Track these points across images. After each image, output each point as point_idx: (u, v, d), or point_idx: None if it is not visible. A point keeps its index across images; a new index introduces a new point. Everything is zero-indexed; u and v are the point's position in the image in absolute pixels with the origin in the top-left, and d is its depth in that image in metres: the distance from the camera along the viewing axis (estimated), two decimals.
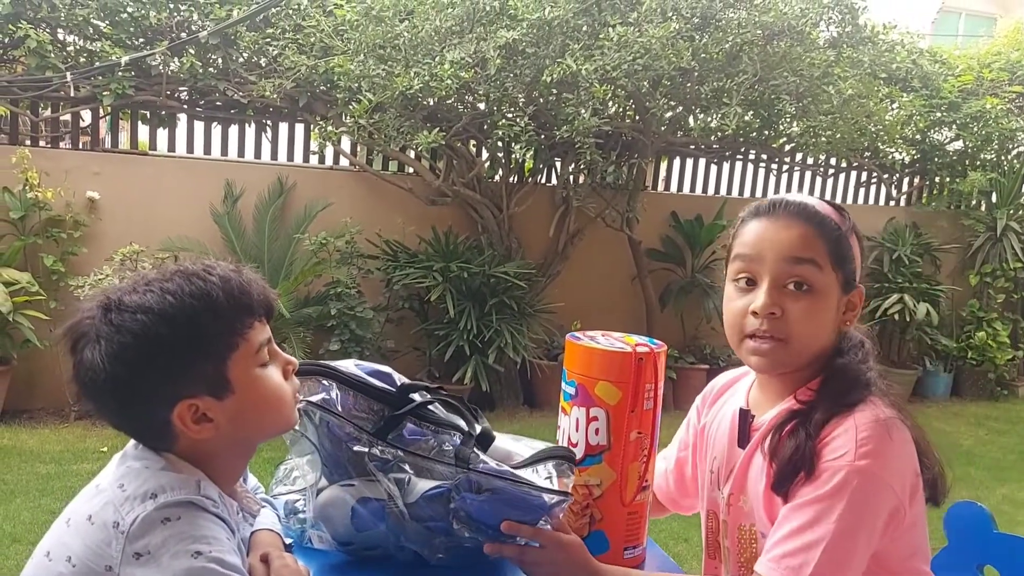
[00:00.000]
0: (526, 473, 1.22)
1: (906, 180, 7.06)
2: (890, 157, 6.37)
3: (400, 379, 1.36)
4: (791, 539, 1.12)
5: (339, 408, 1.26)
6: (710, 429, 1.41)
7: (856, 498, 1.11)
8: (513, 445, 1.31)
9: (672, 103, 5.13)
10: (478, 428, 1.28)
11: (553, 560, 1.19)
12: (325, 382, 1.28)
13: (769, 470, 1.21)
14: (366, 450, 1.23)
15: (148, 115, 4.97)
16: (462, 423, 1.29)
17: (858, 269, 1.26)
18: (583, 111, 4.49)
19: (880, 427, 1.15)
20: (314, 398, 1.25)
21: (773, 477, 1.19)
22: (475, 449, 1.24)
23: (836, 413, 1.17)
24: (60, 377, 4.40)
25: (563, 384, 1.32)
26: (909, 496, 1.17)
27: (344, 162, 5.36)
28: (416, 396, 1.32)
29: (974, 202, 6.91)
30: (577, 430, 1.30)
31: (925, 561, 1.26)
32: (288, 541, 1.26)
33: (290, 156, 5.31)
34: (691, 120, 5.40)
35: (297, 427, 1.25)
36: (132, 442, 1.05)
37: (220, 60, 4.90)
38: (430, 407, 1.31)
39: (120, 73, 4.62)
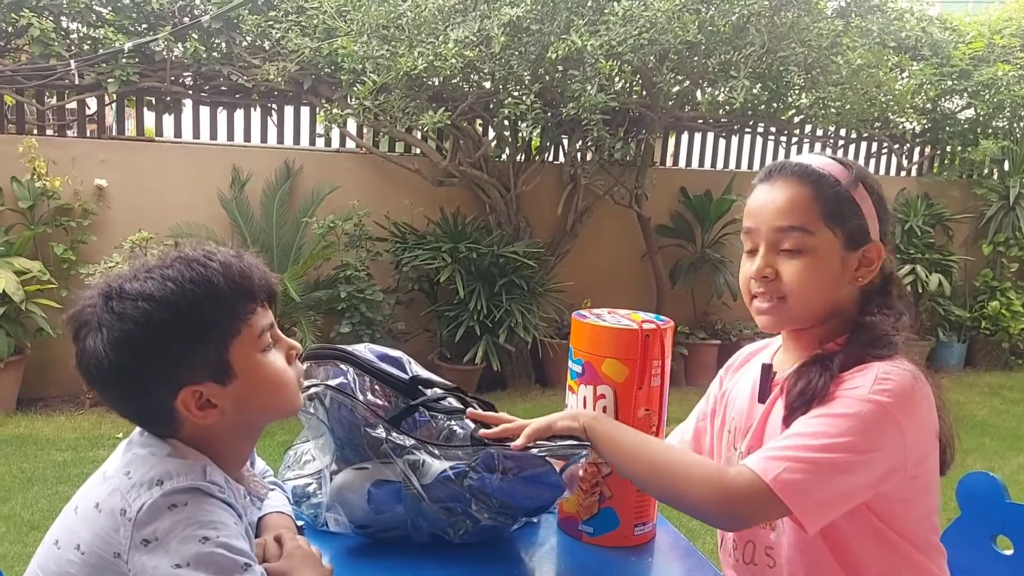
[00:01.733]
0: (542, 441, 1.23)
1: (917, 150, 6.99)
2: (900, 127, 6.29)
3: (410, 363, 1.37)
4: (790, 446, 1.13)
5: (357, 394, 1.26)
6: (730, 394, 1.42)
7: (864, 427, 1.12)
8: None
9: (679, 77, 5.09)
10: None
11: None
12: (342, 366, 1.28)
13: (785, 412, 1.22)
14: (383, 435, 1.23)
15: (153, 101, 4.97)
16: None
17: (872, 224, 1.26)
18: (589, 87, 4.45)
19: (904, 373, 1.16)
20: (332, 382, 1.25)
21: (785, 410, 1.20)
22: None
23: (857, 361, 1.19)
24: (74, 365, 4.43)
25: (570, 362, 1.32)
26: (919, 454, 1.17)
27: (350, 144, 5.34)
28: (428, 392, 1.33)
29: (986, 171, 6.81)
30: (585, 408, 1.29)
31: (935, 531, 1.26)
32: (299, 524, 1.27)
33: (296, 139, 5.30)
34: (699, 94, 5.35)
35: (311, 410, 1.25)
36: (137, 429, 1.05)
37: (223, 44, 4.88)
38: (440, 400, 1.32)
39: (124, 60, 4.61)
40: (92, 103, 4.92)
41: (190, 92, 4.99)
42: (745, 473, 1.13)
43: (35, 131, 4.68)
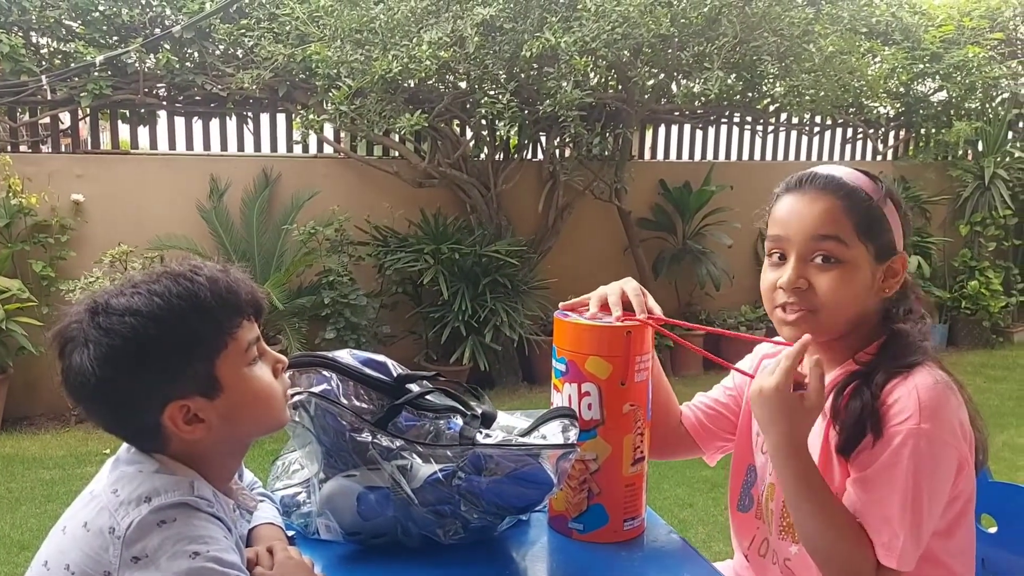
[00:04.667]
0: (529, 440, 1.24)
1: (892, 134, 7.05)
2: (874, 112, 6.34)
3: (395, 367, 1.37)
4: (871, 514, 1.16)
5: (341, 399, 1.26)
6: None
7: (923, 460, 1.14)
8: (515, 420, 1.33)
9: (654, 71, 5.11)
10: (479, 410, 1.29)
11: None
12: (325, 373, 1.28)
13: (828, 431, 1.24)
14: (369, 439, 1.23)
15: (128, 114, 4.93)
16: (461, 407, 1.31)
17: (898, 236, 1.28)
18: (565, 84, 4.46)
19: (940, 389, 1.19)
20: (315, 389, 1.25)
21: (840, 439, 1.21)
22: (479, 428, 1.25)
23: (895, 374, 1.20)
24: (58, 383, 4.40)
25: (554, 361, 1.33)
26: (969, 470, 1.21)
27: (328, 150, 5.33)
28: (414, 387, 1.33)
29: (960, 152, 6.89)
30: (570, 406, 1.30)
31: (971, 531, 1.29)
32: (290, 534, 1.27)
33: (273, 147, 5.28)
34: (674, 87, 5.37)
35: (296, 419, 1.25)
36: (124, 446, 1.05)
37: (196, 54, 4.86)
38: (428, 396, 1.32)
39: (96, 73, 4.58)
40: (65, 118, 4.88)
41: (164, 103, 4.96)
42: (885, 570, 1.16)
43: (9, 148, 4.64)
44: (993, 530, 1.53)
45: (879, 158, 6.98)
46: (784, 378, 1.18)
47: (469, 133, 5.29)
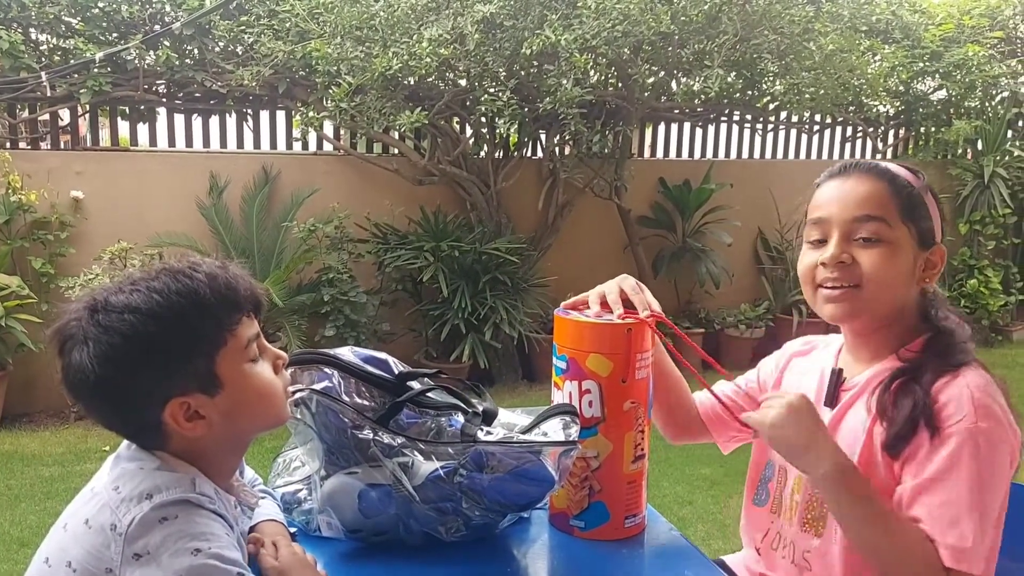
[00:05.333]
0: (531, 437, 1.24)
1: (891, 132, 7.05)
2: (874, 110, 6.34)
3: (396, 365, 1.37)
4: (937, 517, 1.15)
5: (343, 396, 1.26)
6: (787, 383, 1.45)
7: (983, 460, 1.14)
8: (516, 417, 1.34)
9: (654, 68, 5.11)
10: (480, 407, 1.29)
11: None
12: (327, 370, 1.28)
13: (873, 427, 1.23)
14: (371, 436, 1.23)
15: (127, 111, 4.93)
16: (463, 405, 1.31)
17: (937, 228, 1.30)
18: (565, 82, 4.45)
19: (992, 388, 1.19)
20: (317, 386, 1.25)
21: (888, 437, 1.21)
22: (480, 426, 1.25)
23: (944, 372, 1.21)
24: (57, 380, 4.40)
25: (554, 359, 1.33)
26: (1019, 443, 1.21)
27: (328, 147, 5.33)
28: (415, 384, 1.33)
29: (960, 151, 6.89)
30: (571, 402, 1.30)
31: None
32: (292, 531, 1.27)
33: (273, 144, 5.27)
34: (674, 84, 5.37)
35: (298, 416, 1.25)
36: (125, 443, 1.05)
37: (196, 51, 4.85)
38: (429, 394, 1.32)
39: (96, 69, 4.57)
40: (65, 114, 4.87)
41: (164, 100, 4.95)
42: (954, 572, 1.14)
43: (8, 144, 4.63)
44: None
45: (879, 156, 6.98)
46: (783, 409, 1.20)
47: (469, 130, 5.29)
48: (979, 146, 6.78)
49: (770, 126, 6.54)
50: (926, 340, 1.27)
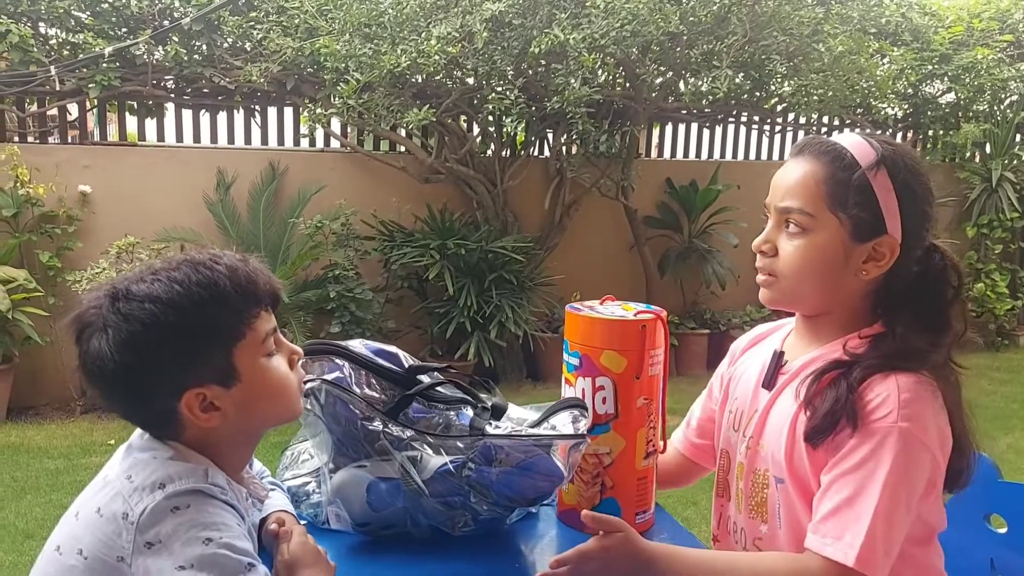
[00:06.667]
0: (540, 431, 1.24)
1: (899, 135, 7.03)
2: (883, 113, 6.34)
3: (406, 358, 1.37)
4: (839, 513, 1.12)
5: (353, 387, 1.26)
6: (736, 373, 1.41)
7: (899, 461, 1.10)
8: (525, 412, 1.34)
9: (662, 69, 5.10)
10: (489, 402, 1.29)
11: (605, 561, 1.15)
12: (337, 361, 1.28)
13: (798, 415, 1.20)
14: (380, 428, 1.23)
15: (135, 106, 4.94)
16: (472, 399, 1.30)
17: (889, 215, 1.18)
18: (573, 81, 4.45)
19: (922, 389, 1.14)
20: (328, 377, 1.25)
21: (808, 427, 1.17)
22: (489, 420, 1.25)
23: (879, 371, 1.15)
24: (63, 373, 4.41)
25: (565, 355, 1.32)
26: (942, 469, 1.16)
27: (335, 144, 5.33)
28: (425, 377, 1.33)
29: (968, 154, 6.88)
30: (583, 398, 1.30)
31: (936, 530, 1.26)
32: (302, 523, 1.27)
33: (280, 140, 5.28)
34: (682, 85, 5.37)
35: (308, 406, 1.25)
36: (138, 432, 1.05)
37: (204, 46, 4.86)
38: (439, 388, 1.32)
39: (104, 64, 4.58)
40: (73, 109, 4.88)
41: (172, 95, 4.96)
42: (826, 565, 1.11)
43: (16, 138, 4.65)
44: (1003, 531, 1.53)
45: None
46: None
47: (476, 129, 5.29)
48: (987, 150, 6.76)
49: (778, 127, 6.53)
50: (874, 336, 1.21)
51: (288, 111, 5.25)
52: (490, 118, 4.95)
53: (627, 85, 5.21)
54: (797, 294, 1.24)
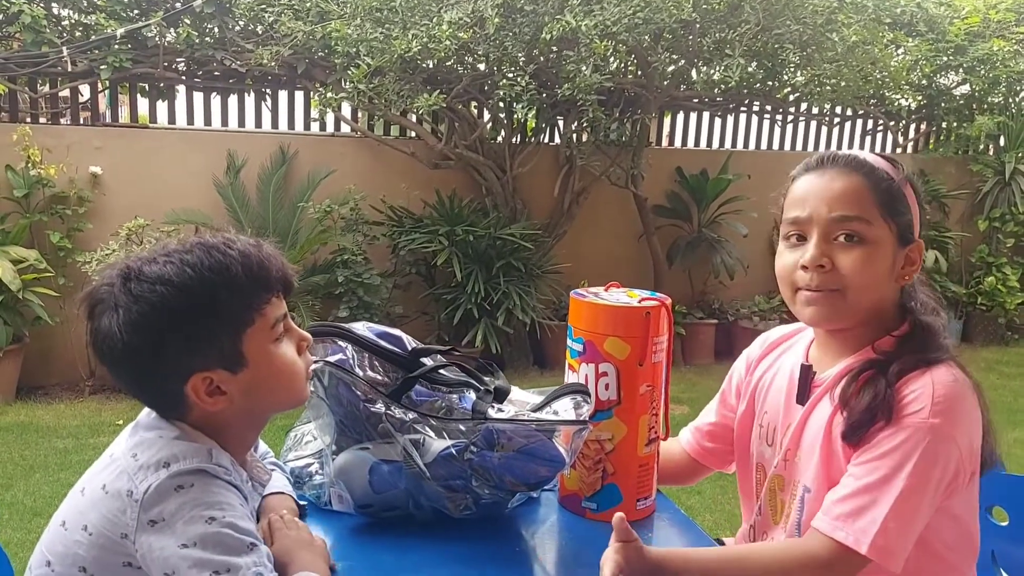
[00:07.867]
0: (542, 415, 1.24)
1: (913, 126, 6.99)
2: (896, 104, 6.29)
3: (410, 341, 1.37)
4: (856, 497, 1.13)
5: (356, 370, 1.27)
6: (760, 385, 1.41)
7: (926, 456, 1.11)
8: (528, 396, 1.34)
9: (674, 56, 5.07)
10: (492, 385, 1.29)
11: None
12: (341, 343, 1.29)
13: (834, 416, 1.21)
14: (383, 410, 1.24)
15: (147, 88, 4.95)
16: (475, 382, 1.31)
17: (916, 222, 1.25)
18: (584, 68, 4.43)
19: (957, 387, 1.16)
20: (331, 358, 1.26)
21: (846, 425, 1.18)
22: (492, 403, 1.25)
23: (915, 367, 1.17)
24: (73, 353, 4.45)
25: (569, 341, 1.33)
26: (971, 466, 1.17)
27: (345, 128, 5.33)
28: (428, 360, 1.33)
29: (982, 147, 6.82)
30: (587, 383, 1.30)
31: (973, 533, 1.26)
32: (303, 504, 1.28)
33: (291, 124, 5.28)
34: (694, 73, 5.33)
35: (311, 388, 1.26)
36: (145, 411, 1.06)
37: (216, 29, 4.86)
38: (441, 371, 1.33)
39: (116, 46, 4.59)
40: (85, 90, 4.89)
41: (183, 78, 4.96)
42: (837, 550, 1.12)
43: (28, 119, 4.66)
44: (1005, 523, 1.53)
45: (899, 151, 6.93)
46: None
47: (486, 115, 5.28)
48: (1001, 142, 6.71)
49: (790, 117, 6.49)
50: (902, 335, 1.24)
51: (299, 95, 5.25)
52: (500, 104, 4.93)
53: (639, 73, 5.18)
54: (860, 307, 1.23)
